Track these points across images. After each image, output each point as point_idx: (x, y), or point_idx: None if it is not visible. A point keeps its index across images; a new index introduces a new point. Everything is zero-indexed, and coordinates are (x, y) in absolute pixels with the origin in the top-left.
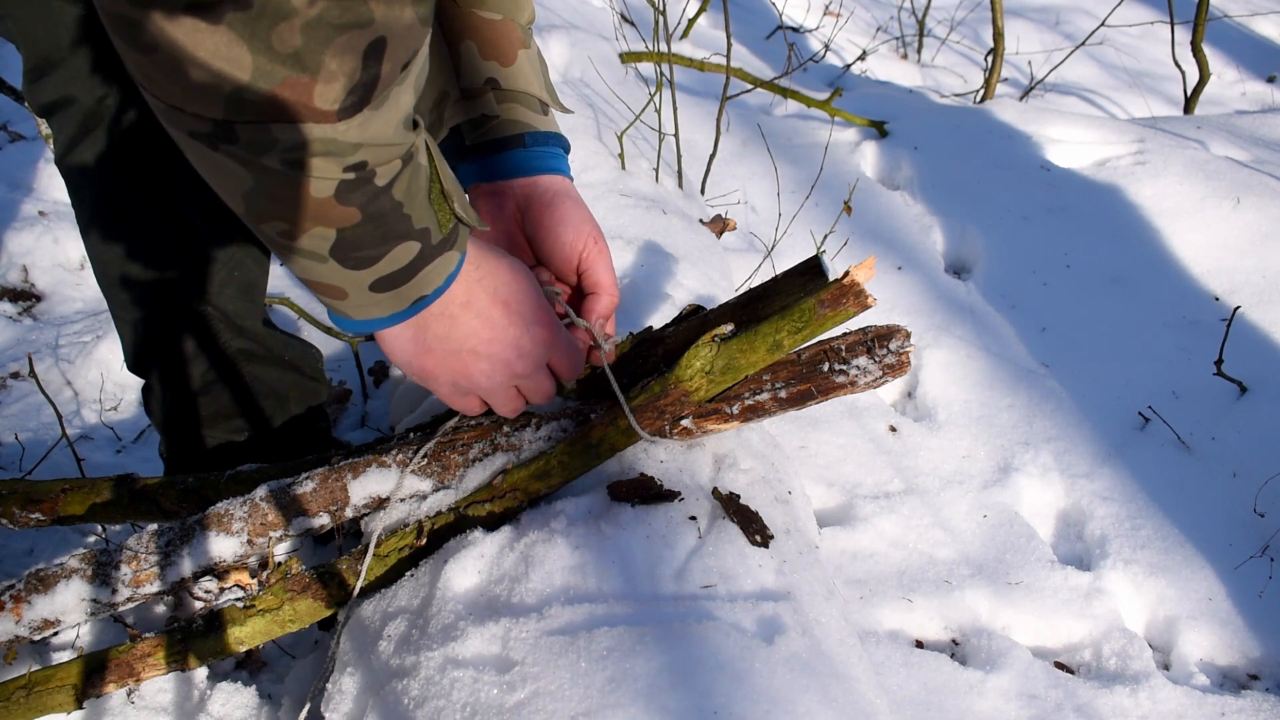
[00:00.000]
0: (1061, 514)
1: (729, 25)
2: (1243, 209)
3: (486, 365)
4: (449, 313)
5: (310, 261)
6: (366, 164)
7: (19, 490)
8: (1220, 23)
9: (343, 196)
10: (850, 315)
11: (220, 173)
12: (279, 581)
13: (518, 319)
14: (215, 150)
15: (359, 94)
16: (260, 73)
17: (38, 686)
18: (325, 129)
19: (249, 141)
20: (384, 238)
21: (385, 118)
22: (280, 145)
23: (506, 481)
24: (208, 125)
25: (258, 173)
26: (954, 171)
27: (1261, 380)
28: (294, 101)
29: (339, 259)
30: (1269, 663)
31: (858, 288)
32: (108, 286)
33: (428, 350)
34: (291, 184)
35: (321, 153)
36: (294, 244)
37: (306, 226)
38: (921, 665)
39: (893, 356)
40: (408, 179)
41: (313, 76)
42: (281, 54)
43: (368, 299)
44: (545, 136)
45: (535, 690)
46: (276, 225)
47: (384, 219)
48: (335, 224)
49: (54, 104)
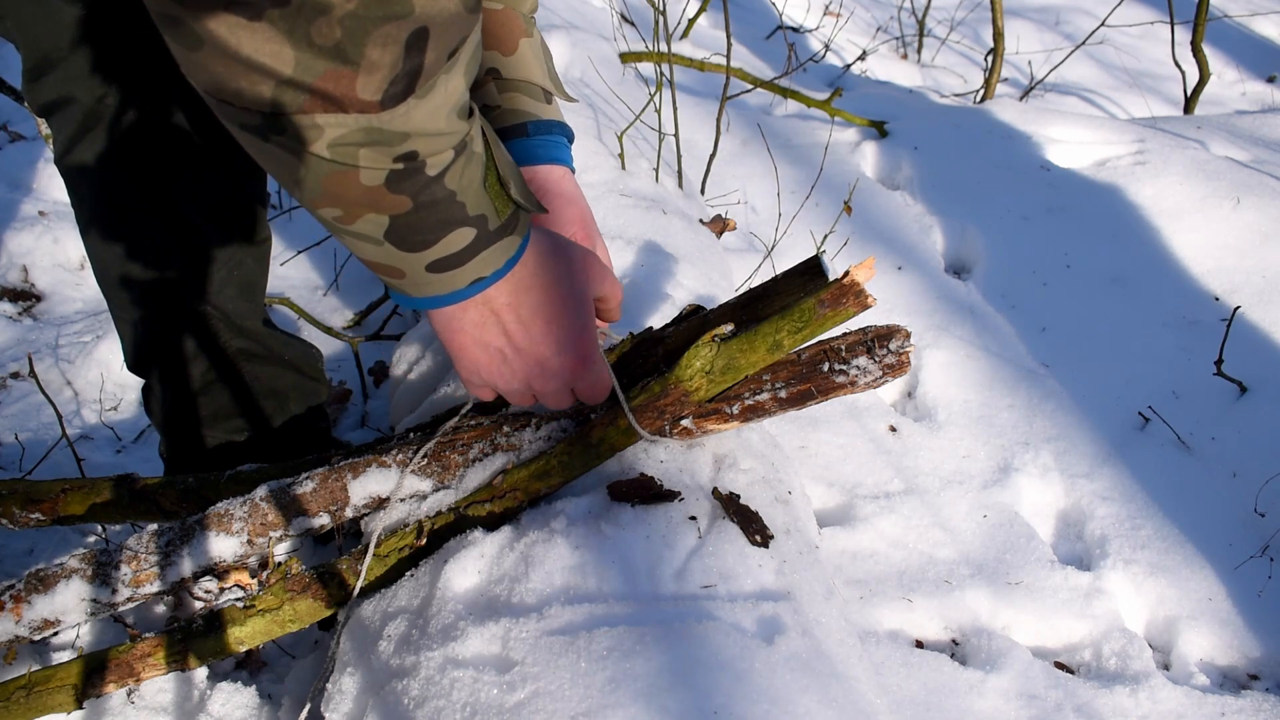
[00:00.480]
0: (1061, 514)
1: (729, 25)
2: (1243, 209)
3: (508, 371)
4: (492, 308)
5: (366, 244)
6: (417, 154)
7: (19, 490)
8: (1220, 23)
9: (393, 185)
10: (850, 315)
11: (273, 162)
12: (279, 581)
13: (554, 340)
14: (266, 141)
15: (402, 84)
16: (302, 66)
17: (38, 686)
18: (370, 119)
19: (296, 133)
20: (438, 224)
21: (432, 106)
22: (327, 136)
23: (506, 481)
24: (257, 118)
25: (307, 163)
26: (954, 171)
27: (1261, 380)
28: (337, 93)
29: (394, 242)
30: (1269, 663)
31: (858, 288)
32: (107, 286)
33: (462, 331)
34: (341, 173)
35: (368, 142)
36: (349, 227)
37: (359, 213)
38: (921, 665)
39: (893, 356)
40: (461, 168)
41: (354, 68)
42: (322, 47)
43: (425, 278)
44: (548, 125)
45: (535, 690)
46: (331, 211)
47: (437, 207)
48: (388, 211)
49: (53, 103)
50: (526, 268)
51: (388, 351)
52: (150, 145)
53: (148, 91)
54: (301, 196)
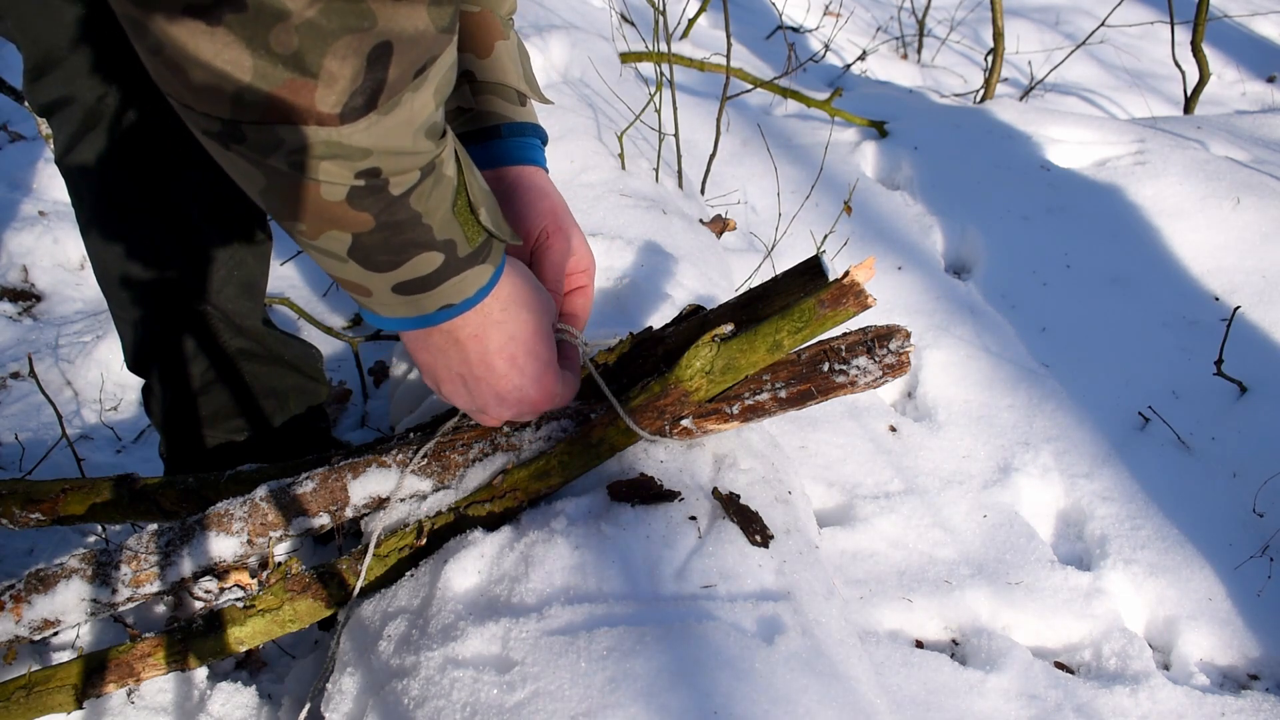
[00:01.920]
0: (1061, 514)
1: (729, 25)
2: (1243, 209)
3: (466, 395)
4: (457, 337)
5: (331, 260)
6: (380, 171)
7: (19, 490)
8: (1220, 23)
9: (355, 202)
10: (850, 315)
11: (236, 171)
12: (279, 581)
13: (515, 375)
14: (227, 149)
15: (364, 97)
16: (261, 74)
17: (38, 686)
18: (329, 132)
19: (256, 142)
20: (403, 246)
21: (396, 123)
22: (286, 146)
23: (506, 481)
24: (217, 125)
25: (268, 173)
26: (954, 171)
27: (1261, 380)
28: (296, 103)
29: (359, 260)
30: (1269, 663)
31: (858, 288)
32: (107, 286)
33: (425, 351)
34: (300, 186)
35: (327, 155)
36: (313, 243)
37: (322, 228)
38: (921, 665)
39: (893, 356)
40: (429, 190)
41: (313, 78)
42: (281, 55)
43: (392, 299)
44: (521, 127)
45: (535, 690)
46: (295, 225)
47: (401, 228)
48: (349, 228)
49: (54, 103)
50: (497, 300)
51: (388, 351)
52: (150, 145)
53: (148, 91)
54: (265, 207)
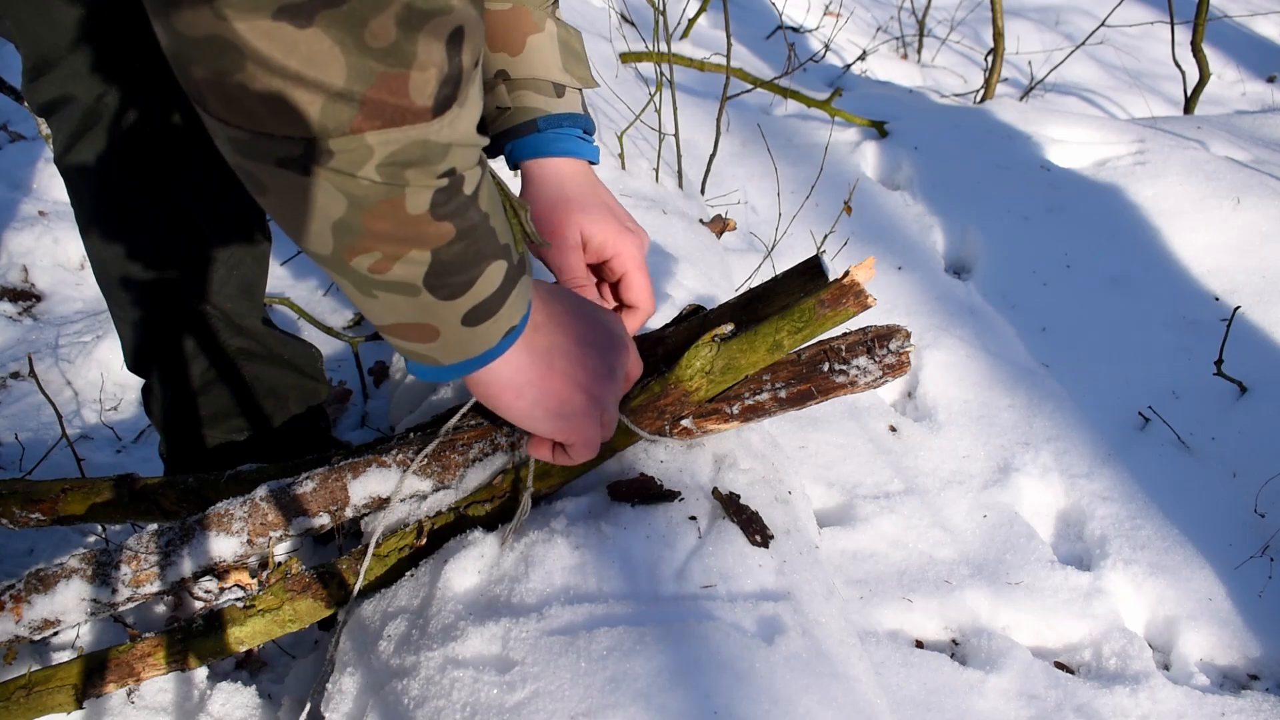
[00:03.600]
0: (1061, 514)
1: (729, 25)
2: (1243, 209)
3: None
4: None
5: (401, 298)
6: (455, 170)
7: (19, 490)
8: (1220, 23)
9: (437, 209)
10: (850, 315)
11: (308, 204)
12: (279, 581)
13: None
14: (307, 175)
15: (449, 88)
16: (354, 74)
17: (38, 686)
18: (420, 130)
19: (345, 156)
20: (476, 256)
21: (469, 116)
22: (377, 156)
23: (506, 481)
24: (300, 148)
25: (353, 193)
26: (954, 171)
27: (1261, 380)
28: (389, 102)
29: (431, 288)
30: (1269, 663)
31: (858, 288)
32: (107, 286)
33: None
34: (388, 202)
35: (417, 160)
36: (385, 276)
37: (402, 251)
38: (921, 665)
39: (893, 356)
40: (488, 186)
41: (406, 69)
42: (374, 50)
43: (461, 336)
44: (558, 119)
45: (535, 690)
46: (368, 258)
47: (475, 234)
48: (431, 244)
49: (53, 103)
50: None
51: (388, 351)
52: (150, 145)
53: (147, 91)
54: (335, 245)
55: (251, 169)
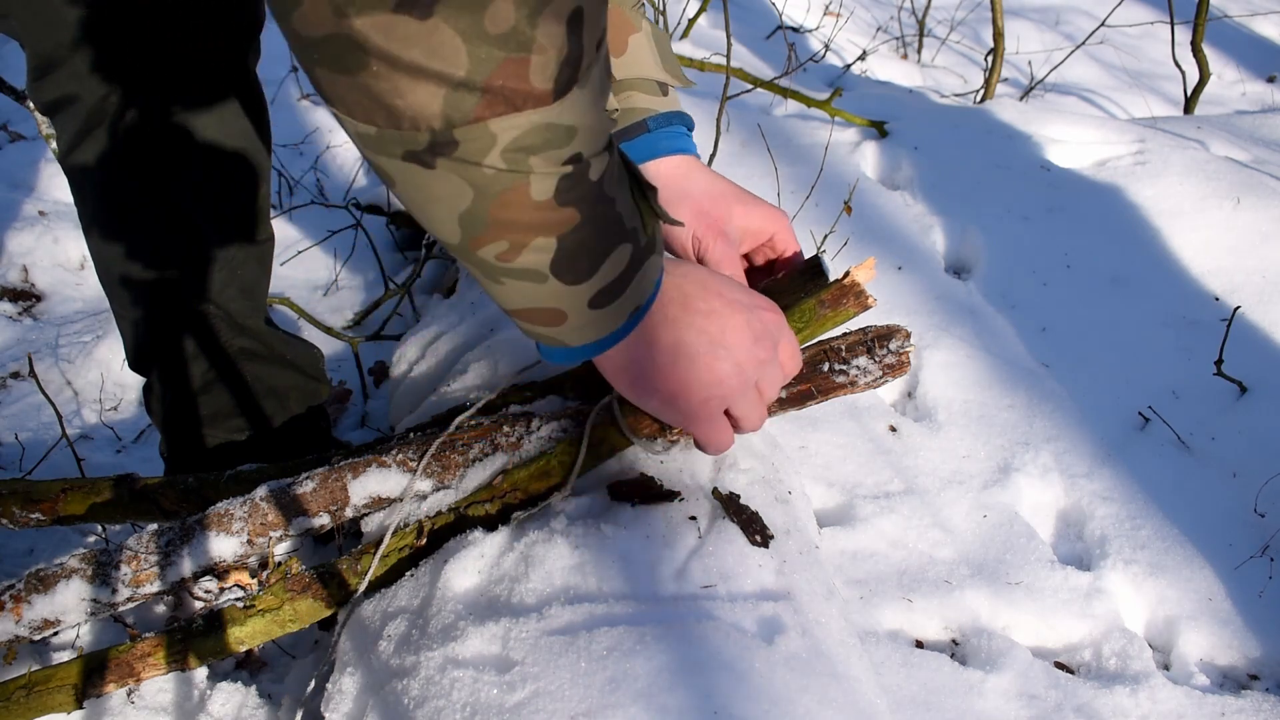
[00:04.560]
0: (1061, 514)
1: (729, 25)
2: (1243, 209)
3: (730, 364)
4: (670, 315)
5: (528, 284)
6: (581, 155)
7: (19, 490)
8: (1220, 23)
9: (562, 196)
10: (850, 316)
11: (436, 197)
12: (279, 581)
13: (740, 306)
14: (432, 168)
15: (570, 69)
16: (476, 62)
17: (38, 686)
18: (543, 113)
19: (469, 146)
20: (602, 241)
21: (591, 99)
22: (500, 142)
23: (507, 481)
24: (425, 139)
25: (478, 182)
26: (954, 171)
27: (1261, 380)
28: (511, 88)
29: (558, 274)
30: (1269, 663)
31: (858, 288)
32: (109, 285)
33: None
34: (513, 189)
35: (541, 145)
36: (512, 264)
37: (528, 239)
38: (921, 665)
39: (893, 356)
40: (615, 171)
41: (527, 53)
42: (494, 35)
43: (586, 318)
44: (667, 117)
45: (535, 690)
46: (495, 246)
47: (601, 219)
48: (556, 230)
49: (57, 102)
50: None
51: (388, 351)
52: (152, 145)
53: (148, 91)
54: (462, 236)
55: (379, 162)
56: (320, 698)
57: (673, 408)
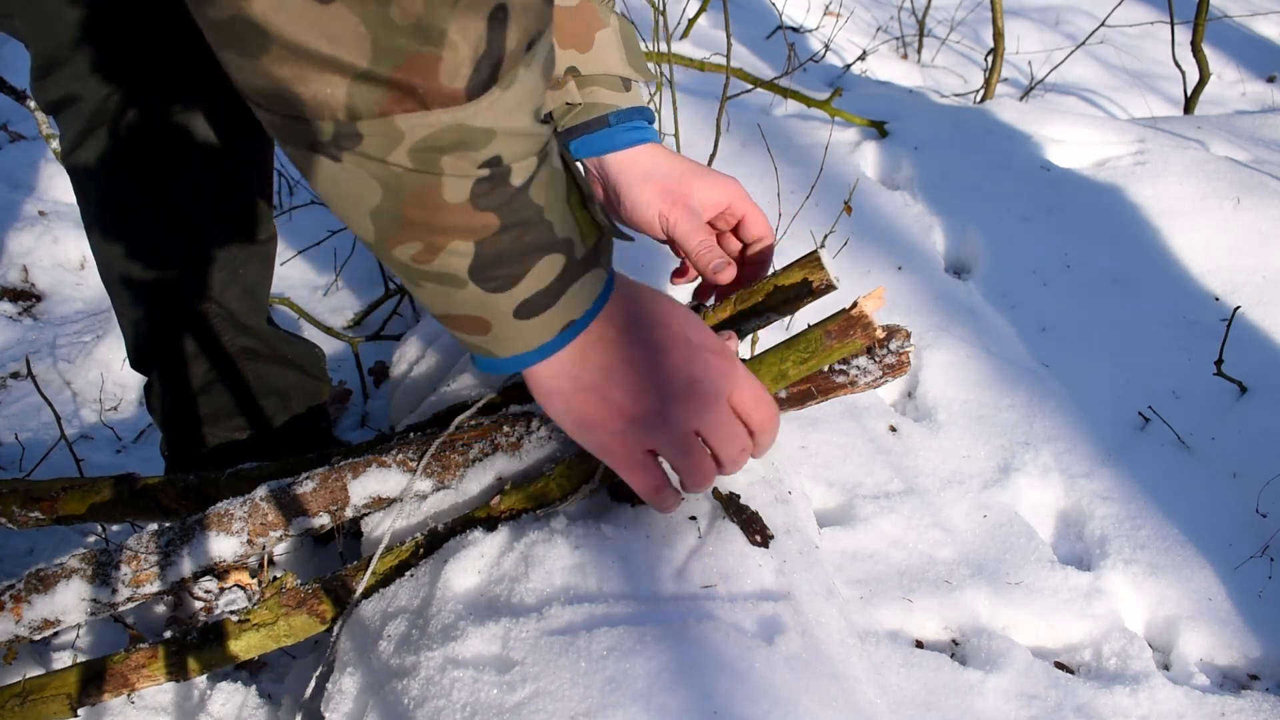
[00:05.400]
0: (1061, 514)
1: (729, 25)
2: (1243, 209)
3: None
4: (606, 338)
5: (447, 289)
6: (501, 159)
7: (18, 489)
8: (1220, 23)
9: (478, 200)
10: (859, 348)
11: (345, 190)
12: (274, 596)
13: (683, 342)
14: (339, 161)
15: (487, 69)
16: (381, 52)
17: (32, 695)
18: (454, 113)
19: (374, 140)
20: (526, 250)
21: (515, 101)
22: (408, 140)
23: (504, 503)
24: (330, 129)
25: (386, 180)
26: (954, 171)
27: (1261, 380)
28: (419, 83)
29: (478, 280)
30: (1269, 663)
31: (866, 319)
32: (111, 283)
33: (589, 387)
34: (423, 189)
35: (453, 145)
36: (429, 267)
37: (442, 242)
38: (921, 665)
39: (893, 356)
40: (546, 179)
41: (437, 47)
42: (402, 26)
43: (512, 330)
44: (629, 113)
45: (535, 690)
46: (410, 247)
47: (525, 227)
48: (474, 235)
49: (60, 101)
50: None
51: (388, 351)
52: (153, 144)
53: (148, 91)
54: (376, 234)
55: (290, 153)
56: (320, 698)
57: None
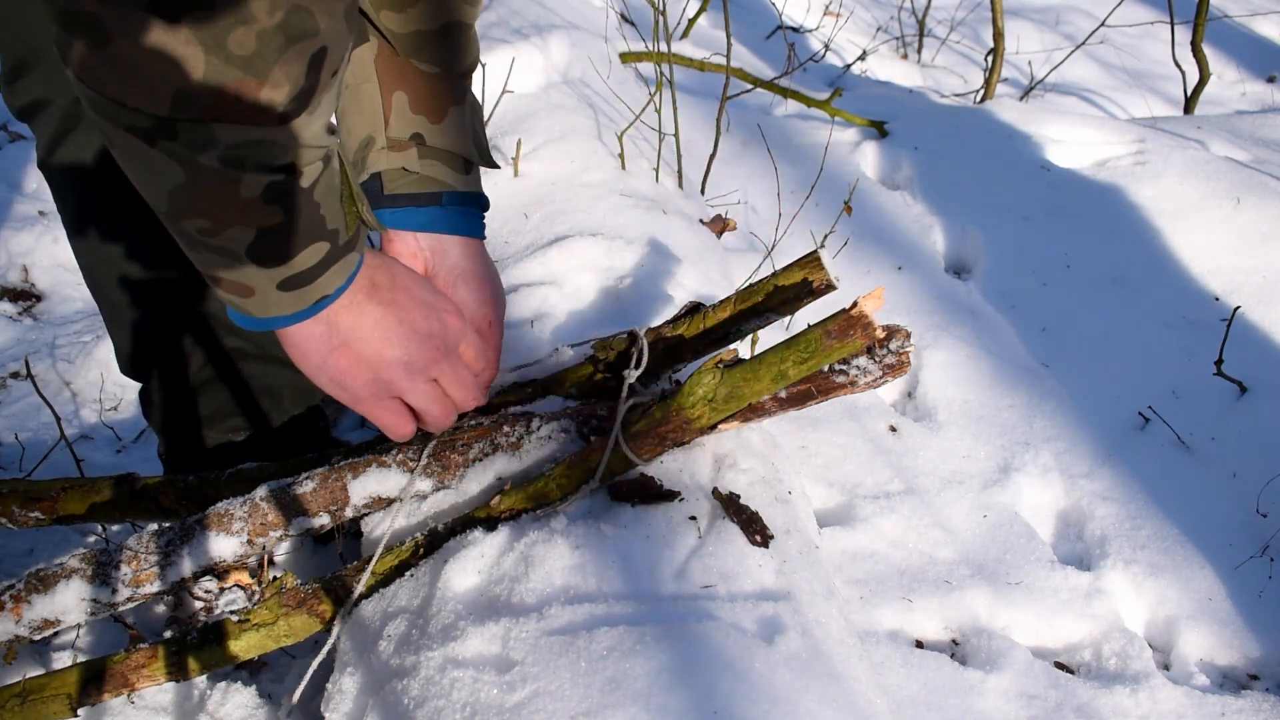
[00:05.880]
0: (1061, 514)
1: (729, 25)
2: (1243, 209)
3: (399, 352)
4: (355, 303)
5: (224, 259)
6: (295, 166)
7: (19, 489)
8: (1220, 23)
9: (269, 196)
10: (858, 348)
11: (149, 169)
12: (274, 596)
13: (421, 304)
14: (151, 146)
15: (301, 100)
16: (212, 71)
17: (32, 695)
18: (267, 131)
19: (189, 139)
20: (300, 237)
21: (318, 120)
22: (221, 145)
23: (504, 503)
24: (149, 121)
25: (192, 170)
26: (954, 171)
27: (1261, 380)
28: (241, 103)
29: (254, 258)
30: (1269, 663)
31: (865, 319)
32: (97, 289)
33: (340, 346)
34: (224, 183)
35: (258, 155)
36: (212, 240)
37: (230, 224)
38: (921, 665)
39: (893, 356)
40: (327, 180)
41: (260, 80)
42: (235, 56)
43: (274, 298)
44: (463, 196)
45: (535, 690)
46: (198, 223)
47: (302, 220)
48: (258, 223)
49: (31, 106)
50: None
51: None
52: None
53: None
54: (169, 206)
55: (101, 125)
56: (321, 697)
57: (342, 388)
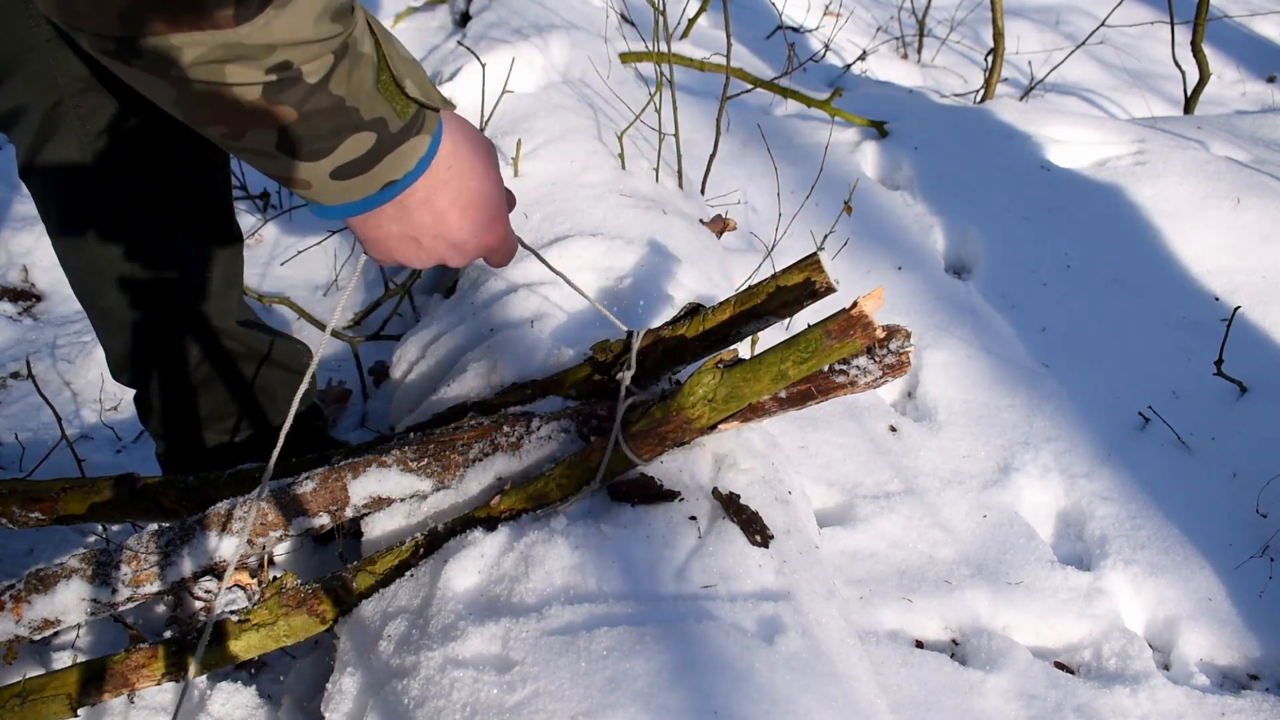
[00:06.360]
0: (1061, 514)
1: (729, 25)
2: (1243, 209)
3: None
4: (407, 205)
5: (261, 159)
6: (290, 64)
7: (19, 489)
8: (1220, 23)
9: (272, 97)
10: (858, 348)
11: (144, 87)
12: (274, 597)
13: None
14: (129, 66)
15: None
16: None
17: (32, 695)
18: (225, 35)
19: (153, 57)
20: (331, 132)
21: (296, 16)
22: (186, 56)
23: (504, 503)
24: (112, 44)
25: (176, 84)
26: (954, 171)
27: (1261, 380)
28: (186, 10)
29: (288, 153)
30: (1269, 663)
31: (865, 319)
32: (86, 297)
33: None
34: (212, 93)
35: (230, 59)
36: (239, 143)
37: (245, 129)
38: (921, 665)
39: (893, 356)
40: (346, 72)
41: None
42: None
43: (333, 187)
44: None
45: (535, 690)
46: (216, 129)
47: (326, 114)
48: (273, 124)
49: (9, 115)
50: (440, 164)
51: (388, 351)
52: (108, 151)
53: (101, 97)
54: (185, 117)
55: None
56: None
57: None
